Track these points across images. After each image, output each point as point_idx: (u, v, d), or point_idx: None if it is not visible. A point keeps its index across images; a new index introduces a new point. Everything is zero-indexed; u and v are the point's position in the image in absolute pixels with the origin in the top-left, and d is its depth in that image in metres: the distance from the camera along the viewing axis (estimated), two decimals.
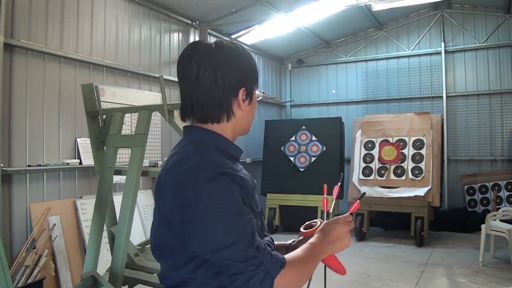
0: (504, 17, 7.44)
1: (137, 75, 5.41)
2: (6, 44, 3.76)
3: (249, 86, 1.14)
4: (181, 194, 1.00)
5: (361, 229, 6.47)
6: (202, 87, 1.10)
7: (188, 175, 1.01)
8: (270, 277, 0.99)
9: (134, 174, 2.91)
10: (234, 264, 0.97)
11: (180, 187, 1.00)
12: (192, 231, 0.99)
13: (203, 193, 0.98)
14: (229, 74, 1.10)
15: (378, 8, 5.85)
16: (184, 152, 1.07)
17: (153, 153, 5.53)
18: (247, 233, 0.99)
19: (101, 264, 3.36)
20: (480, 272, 4.77)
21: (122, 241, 2.82)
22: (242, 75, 1.13)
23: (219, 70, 1.10)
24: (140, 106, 3.30)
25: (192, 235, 1.00)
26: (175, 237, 1.04)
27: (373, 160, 6.69)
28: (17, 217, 3.89)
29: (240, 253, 0.97)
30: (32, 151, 4.07)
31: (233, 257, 0.97)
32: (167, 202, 1.03)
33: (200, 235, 0.98)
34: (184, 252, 1.04)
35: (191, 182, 0.99)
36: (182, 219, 1.01)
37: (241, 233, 0.98)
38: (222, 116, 1.12)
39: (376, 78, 8.47)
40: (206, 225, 0.98)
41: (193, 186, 0.99)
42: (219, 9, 6.30)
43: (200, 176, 0.99)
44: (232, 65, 1.11)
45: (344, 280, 4.56)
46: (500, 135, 7.51)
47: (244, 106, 1.13)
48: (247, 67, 1.15)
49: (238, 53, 1.15)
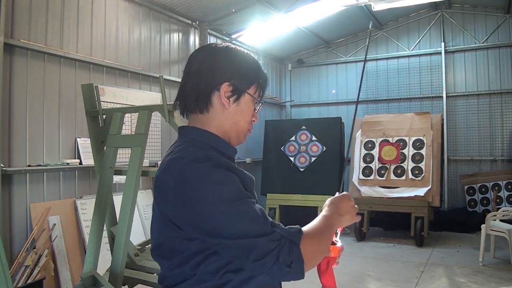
0: (504, 17, 7.44)
1: (137, 75, 5.41)
2: (6, 44, 3.76)
3: (236, 85, 1.13)
4: (183, 192, 1.00)
5: (361, 229, 6.47)
6: (192, 77, 1.14)
7: (186, 171, 1.01)
8: (295, 245, 1.00)
9: (134, 174, 2.91)
10: (257, 243, 0.97)
11: (180, 184, 1.00)
12: (206, 225, 0.99)
13: (205, 185, 0.99)
14: (215, 64, 1.12)
15: (378, 8, 5.85)
16: (179, 151, 1.08)
17: (153, 153, 5.53)
18: (257, 213, 1.00)
19: (101, 264, 3.36)
20: (480, 272, 4.77)
21: (122, 241, 2.82)
22: (230, 69, 1.13)
23: (206, 61, 1.13)
24: (140, 106, 3.30)
25: (207, 229, 0.99)
26: (177, 236, 1.04)
27: (373, 160, 6.69)
28: (17, 217, 3.89)
29: (259, 230, 0.98)
30: (32, 151, 4.07)
31: (254, 234, 0.97)
32: (169, 201, 1.03)
33: (215, 226, 0.98)
34: (185, 250, 1.04)
35: (191, 177, 1.00)
36: (190, 216, 1.00)
37: (252, 214, 0.99)
38: (198, 106, 1.13)
39: (376, 78, 8.47)
40: (217, 216, 0.98)
41: (193, 181, 0.99)
42: (219, 9, 6.30)
43: (198, 170, 1.00)
44: (221, 60, 1.13)
45: (344, 280, 4.56)
46: (500, 135, 7.51)
47: (227, 103, 1.12)
48: (240, 65, 1.15)
49: (238, 52, 1.16)
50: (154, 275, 2.98)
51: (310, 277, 1.26)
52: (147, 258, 3.23)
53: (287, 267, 0.98)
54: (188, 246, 1.03)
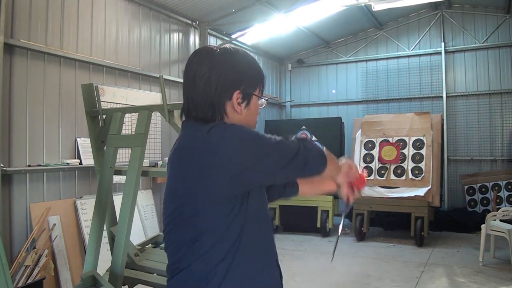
0: (504, 17, 7.44)
1: (137, 75, 5.41)
2: (6, 44, 3.76)
3: (246, 90, 1.16)
4: (210, 149, 1.06)
5: (361, 229, 6.47)
6: (197, 87, 1.14)
7: (205, 137, 1.09)
8: (322, 152, 1.22)
9: (134, 174, 2.91)
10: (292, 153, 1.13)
11: (203, 144, 1.08)
12: (250, 165, 1.08)
13: (229, 136, 1.08)
14: (223, 76, 1.14)
15: (378, 8, 5.85)
16: (187, 136, 1.16)
17: (153, 153, 5.53)
18: (279, 139, 1.16)
19: (101, 264, 3.36)
20: (480, 272, 4.77)
21: (122, 241, 2.82)
22: (237, 78, 1.15)
23: (213, 71, 1.14)
24: (140, 106, 3.29)
25: (251, 167, 1.08)
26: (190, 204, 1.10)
27: (373, 160, 6.69)
28: (17, 217, 3.89)
29: (292, 144, 1.15)
30: (32, 151, 4.07)
31: (289, 151, 1.13)
32: (196, 157, 1.09)
33: (255, 162, 1.09)
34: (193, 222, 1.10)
35: (214, 137, 1.08)
36: (227, 164, 1.06)
37: (277, 140, 1.14)
38: (215, 117, 1.15)
39: (376, 78, 8.47)
40: (254, 152, 1.09)
41: (216, 137, 1.07)
42: (219, 9, 6.30)
43: (217, 134, 1.08)
44: (228, 68, 1.15)
45: (344, 280, 4.56)
46: (500, 135, 7.51)
47: (239, 109, 1.16)
48: (245, 71, 1.18)
49: (238, 57, 1.18)
50: (154, 275, 2.98)
51: (310, 277, 1.27)
52: (147, 258, 3.23)
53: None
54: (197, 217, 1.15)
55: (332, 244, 6.37)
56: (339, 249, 6.04)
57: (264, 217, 1.23)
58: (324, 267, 5.10)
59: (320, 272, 4.87)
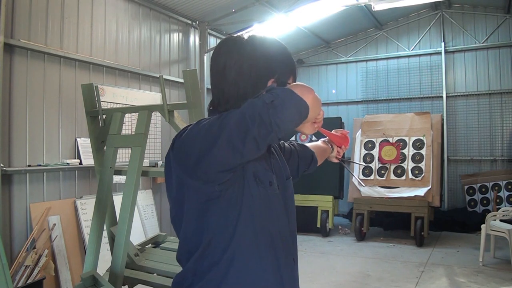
0: (504, 17, 7.44)
1: (137, 75, 5.41)
2: (6, 44, 3.76)
3: (280, 79, 1.11)
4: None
5: (361, 229, 6.47)
6: (229, 78, 1.09)
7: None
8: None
9: (134, 174, 2.91)
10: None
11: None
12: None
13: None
14: (255, 66, 1.08)
15: (378, 8, 5.84)
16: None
17: (153, 153, 5.53)
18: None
19: (101, 264, 3.36)
20: (480, 272, 4.78)
21: (122, 241, 2.82)
22: (271, 66, 1.10)
23: (245, 61, 1.08)
24: (140, 106, 3.29)
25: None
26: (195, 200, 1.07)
27: (373, 160, 6.69)
28: (17, 217, 3.89)
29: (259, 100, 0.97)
30: (32, 151, 4.07)
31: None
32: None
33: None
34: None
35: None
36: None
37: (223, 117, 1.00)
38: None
39: (376, 78, 8.47)
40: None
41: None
42: (219, 9, 6.30)
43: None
44: (260, 56, 1.09)
45: (344, 280, 4.56)
46: (500, 135, 7.51)
47: None
48: (278, 59, 1.12)
49: (268, 44, 1.13)
50: (154, 275, 2.97)
51: (310, 277, 1.26)
52: (147, 258, 3.23)
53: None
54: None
55: (332, 244, 6.37)
56: (339, 249, 6.04)
57: (273, 209, 1.12)
58: (324, 267, 5.10)
59: (320, 272, 4.87)
